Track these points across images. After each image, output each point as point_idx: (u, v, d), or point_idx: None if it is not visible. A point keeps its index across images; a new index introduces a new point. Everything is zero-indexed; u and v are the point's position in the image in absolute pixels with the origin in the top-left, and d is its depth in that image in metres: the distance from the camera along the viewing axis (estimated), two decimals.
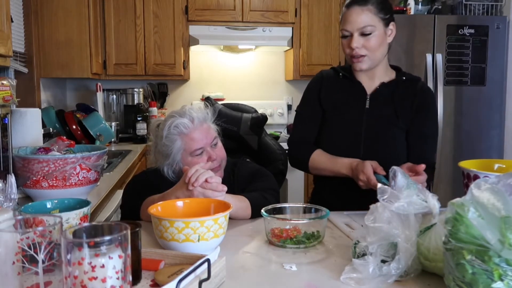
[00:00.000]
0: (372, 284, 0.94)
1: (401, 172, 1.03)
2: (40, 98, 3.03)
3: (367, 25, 1.55)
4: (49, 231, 0.79)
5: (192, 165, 1.39)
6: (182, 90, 4.13)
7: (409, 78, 1.69)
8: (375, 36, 1.57)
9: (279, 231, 1.22)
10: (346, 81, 1.70)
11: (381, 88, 1.66)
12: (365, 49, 1.57)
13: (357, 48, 1.57)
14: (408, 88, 1.66)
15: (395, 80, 1.68)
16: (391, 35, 1.63)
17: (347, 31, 1.58)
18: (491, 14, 3.19)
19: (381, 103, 1.65)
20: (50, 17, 3.02)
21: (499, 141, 3.19)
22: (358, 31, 1.56)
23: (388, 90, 1.66)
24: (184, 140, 1.48)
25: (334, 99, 1.70)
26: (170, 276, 0.92)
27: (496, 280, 0.77)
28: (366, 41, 1.57)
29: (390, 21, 1.61)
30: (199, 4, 3.68)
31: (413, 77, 1.71)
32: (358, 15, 1.56)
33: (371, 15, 1.56)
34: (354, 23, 1.56)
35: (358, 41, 1.57)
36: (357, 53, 1.58)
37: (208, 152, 1.50)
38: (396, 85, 1.66)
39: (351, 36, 1.58)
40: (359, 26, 1.56)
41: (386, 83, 1.67)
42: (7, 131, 1.56)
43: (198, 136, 1.49)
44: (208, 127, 1.54)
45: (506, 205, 0.79)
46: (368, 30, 1.56)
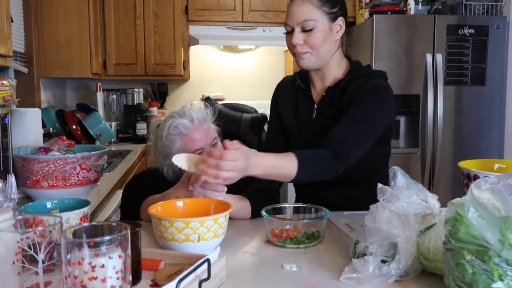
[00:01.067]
0: (372, 284, 0.94)
1: (401, 172, 1.03)
2: (40, 98, 3.03)
3: (307, 19, 1.43)
4: (49, 231, 0.79)
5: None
6: (182, 90, 4.13)
7: (354, 76, 1.51)
8: (318, 32, 1.43)
9: (279, 231, 1.22)
10: (299, 91, 1.61)
11: (327, 94, 1.53)
12: (307, 45, 1.45)
13: (298, 44, 1.45)
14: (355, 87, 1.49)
15: (340, 81, 1.52)
16: (340, 32, 1.48)
17: (288, 25, 1.47)
18: (491, 14, 3.19)
19: (326, 109, 1.53)
20: (50, 17, 3.02)
21: (499, 141, 3.19)
22: (299, 26, 1.44)
23: (333, 94, 1.52)
24: (184, 141, 1.48)
25: (287, 111, 1.64)
26: (170, 276, 0.92)
27: (496, 280, 0.77)
28: (307, 37, 1.44)
29: (338, 16, 1.47)
30: (199, 4, 3.69)
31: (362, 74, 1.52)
32: (298, 7, 1.44)
33: (313, 8, 1.43)
34: (294, 17, 1.44)
35: (299, 37, 1.44)
36: (298, 50, 1.46)
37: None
38: (342, 87, 1.51)
39: (293, 31, 1.46)
40: (298, 20, 1.44)
41: (332, 86, 1.53)
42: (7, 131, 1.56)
43: (198, 136, 1.48)
44: (208, 128, 1.53)
45: (506, 205, 0.79)
46: (310, 25, 1.43)
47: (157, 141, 1.53)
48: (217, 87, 4.13)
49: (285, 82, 1.72)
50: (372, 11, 3.23)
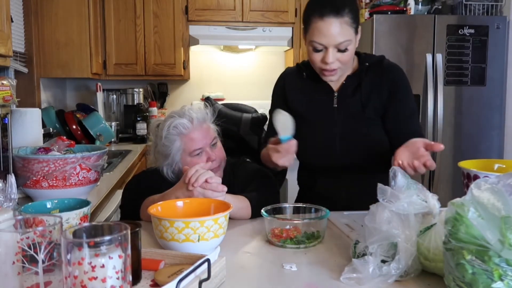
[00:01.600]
0: (372, 284, 0.94)
1: (401, 172, 1.03)
2: (40, 98, 3.03)
3: (345, 41, 1.40)
4: (49, 231, 0.79)
5: (191, 165, 1.39)
6: (182, 90, 4.13)
7: (371, 62, 1.56)
8: (350, 50, 1.43)
9: (279, 231, 1.22)
10: (310, 81, 1.60)
11: (347, 82, 1.55)
12: (339, 62, 1.44)
13: (332, 63, 1.43)
14: (374, 73, 1.54)
15: (359, 69, 1.55)
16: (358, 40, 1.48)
17: (321, 44, 1.41)
18: (491, 14, 3.19)
19: (349, 97, 1.55)
20: (50, 17, 3.03)
21: (499, 141, 3.19)
22: (335, 47, 1.41)
23: (354, 82, 1.55)
24: (183, 141, 1.48)
25: (301, 103, 1.61)
26: (170, 276, 0.92)
27: (496, 280, 0.77)
28: (341, 56, 1.43)
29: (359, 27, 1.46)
30: (199, 4, 3.69)
31: (376, 59, 1.58)
32: (336, 28, 1.39)
33: (348, 28, 1.40)
34: (331, 38, 1.39)
35: (333, 56, 1.42)
36: (331, 67, 1.44)
37: (207, 153, 1.50)
38: (360, 75, 1.54)
39: (325, 49, 1.42)
40: (335, 42, 1.40)
41: (351, 75, 1.55)
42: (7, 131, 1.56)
43: (197, 136, 1.49)
44: (207, 128, 1.53)
45: (506, 205, 0.79)
46: (345, 45, 1.41)
47: (157, 141, 1.53)
48: (217, 87, 4.13)
49: (289, 73, 1.68)
50: (372, 11, 3.23)
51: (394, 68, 1.58)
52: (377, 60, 1.58)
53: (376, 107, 1.54)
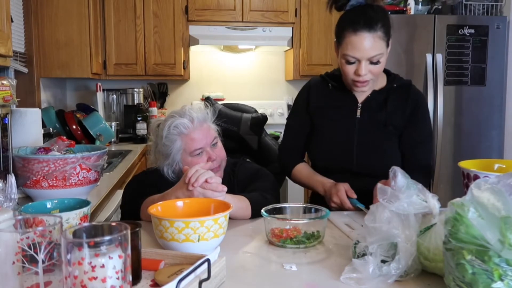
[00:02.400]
0: (372, 284, 0.94)
1: (401, 172, 1.03)
2: (40, 98, 3.03)
3: (377, 54, 1.46)
4: (49, 231, 0.79)
5: (191, 165, 1.39)
6: (182, 90, 4.13)
7: (400, 84, 1.63)
8: (382, 62, 1.50)
9: (279, 231, 1.22)
10: (336, 90, 1.66)
11: (373, 96, 1.62)
12: (371, 74, 1.50)
13: (365, 75, 1.49)
14: (400, 94, 1.62)
15: (386, 87, 1.63)
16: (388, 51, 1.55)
17: (356, 58, 1.48)
18: (491, 14, 3.19)
19: (373, 111, 1.62)
20: (50, 17, 3.03)
21: (499, 141, 3.19)
22: (368, 60, 1.47)
23: (379, 98, 1.62)
24: (184, 140, 1.49)
25: (323, 108, 1.67)
26: (170, 276, 0.92)
27: (496, 280, 0.77)
28: (374, 68, 1.49)
29: (390, 40, 1.53)
30: (199, 4, 3.69)
31: (404, 82, 1.65)
32: (369, 42, 1.45)
33: (381, 42, 1.47)
34: (365, 52, 1.46)
35: (366, 68, 1.48)
36: (364, 79, 1.50)
37: (207, 152, 1.50)
38: (388, 93, 1.62)
39: (358, 62, 1.48)
40: (369, 55, 1.46)
41: (378, 90, 1.62)
42: (7, 131, 1.56)
43: (198, 136, 1.49)
44: (208, 127, 1.53)
45: (506, 205, 0.79)
46: (378, 58, 1.47)
47: (157, 141, 1.54)
48: (217, 87, 4.13)
49: (315, 83, 1.73)
50: None
51: (420, 95, 1.67)
52: (406, 83, 1.65)
53: (396, 126, 1.61)
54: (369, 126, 1.62)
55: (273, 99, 4.16)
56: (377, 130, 1.61)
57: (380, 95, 1.62)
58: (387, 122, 1.60)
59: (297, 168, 1.73)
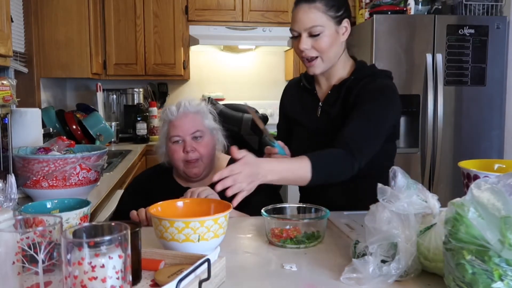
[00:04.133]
0: (372, 284, 0.94)
1: (401, 172, 1.03)
2: (40, 98, 3.03)
3: (315, 25, 1.43)
4: (49, 231, 0.79)
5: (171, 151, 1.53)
6: (182, 90, 4.13)
7: (359, 76, 1.51)
8: (325, 36, 1.44)
9: (279, 231, 1.22)
10: (305, 89, 1.62)
11: (332, 92, 1.54)
12: (315, 50, 1.46)
13: (306, 49, 1.45)
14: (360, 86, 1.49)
15: (345, 80, 1.53)
16: (345, 33, 1.50)
17: (295, 31, 1.47)
18: (491, 14, 3.19)
19: (331, 108, 1.54)
20: (50, 17, 3.03)
21: (499, 141, 3.19)
22: (306, 32, 1.44)
23: (338, 93, 1.53)
24: (168, 126, 1.58)
25: (294, 110, 1.65)
26: (170, 276, 0.92)
27: (496, 280, 0.77)
28: (315, 42, 1.44)
29: (344, 19, 1.48)
30: (199, 4, 3.69)
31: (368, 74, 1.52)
32: (305, 13, 1.44)
33: (320, 14, 1.43)
34: (301, 23, 1.44)
35: (306, 42, 1.45)
36: (306, 54, 1.46)
37: (184, 142, 1.55)
38: (345, 85, 1.52)
39: (300, 36, 1.46)
40: (306, 26, 1.44)
41: (337, 85, 1.54)
42: (7, 131, 1.56)
43: (179, 124, 1.55)
44: (193, 119, 1.57)
45: (506, 205, 0.79)
46: (317, 30, 1.43)
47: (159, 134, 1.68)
48: (217, 87, 4.13)
49: (290, 84, 1.75)
50: (372, 11, 3.23)
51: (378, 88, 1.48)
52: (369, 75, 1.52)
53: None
54: (328, 125, 1.52)
55: (273, 99, 4.15)
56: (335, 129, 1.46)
57: (338, 90, 1.52)
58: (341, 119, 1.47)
59: None
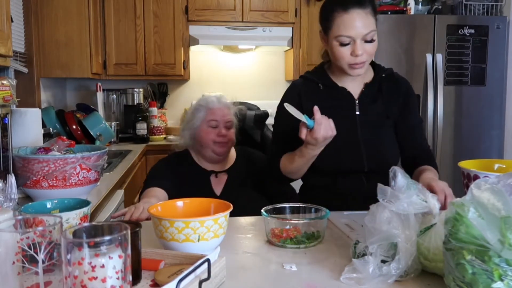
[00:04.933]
0: (372, 284, 0.94)
1: (401, 172, 1.03)
2: (40, 98, 3.03)
3: (371, 31, 1.43)
4: (49, 231, 0.79)
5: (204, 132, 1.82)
6: (182, 90, 4.13)
7: (387, 73, 1.62)
8: (376, 41, 1.47)
9: (279, 231, 1.22)
10: (329, 89, 1.59)
11: (366, 90, 1.58)
12: (367, 54, 1.46)
13: (362, 55, 1.44)
14: (389, 83, 1.60)
15: (376, 78, 1.60)
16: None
17: (349, 37, 1.43)
18: (491, 14, 3.19)
19: (370, 104, 1.58)
20: (50, 17, 3.03)
21: (499, 141, 3.19)
22: (362, 38, 1.43)
23: (373, 90, 1.59)
24: (206, 112, 1.86)
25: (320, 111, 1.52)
26: (170, 276, 0.92)
27: (496, 280, 0.77)
28: (368, 47, 1.45)
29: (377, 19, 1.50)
30: (199, 4, 3.69)
31: (389, 71, 1.63)
32: (362, 19, 1.42)
33: (372, 19, 1.45)
34: (358, 29, 1.41)
35: (362, 48, 1.43)
36: (361, 60, 1.45)
37: (219, 128, 1.84)
38: (379, 83, 1.59)
39: (353, 42, 1.44)
40: (364, 33, 1.42)
41: (369, 83, 1.59)
42: (7, 131, 1.56)
43: (218, 112, 1.86)
44: (228, 110, 1.89)
45: (506, 205, 0.79)
46: (372, 35, 1.44)
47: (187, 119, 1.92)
48: (217, 87, 4.13)
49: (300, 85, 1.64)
50: None
51: (405, 80, 1.67)
52: (390, 71, 1.64)
53: (393, 115, 1.59)
54: (370, 120, 1.57)
55: (273, 99, 4.13)
56: (378, 124, 1.58)
57: (373, 87, 1.59)
58: (384, 115, 1.57)
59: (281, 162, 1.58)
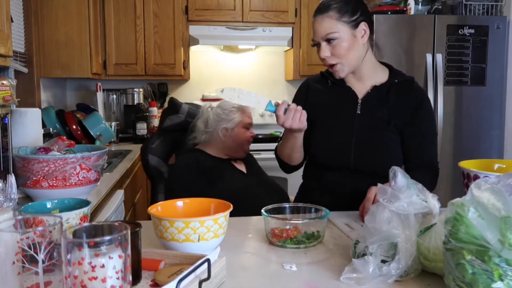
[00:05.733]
0: (372, 284, 0.94)
1: (401, 172, 1.03)
2: (40, 98, 3.03)
3: (328, 33, 1.53)
4: (49, 231, 0.79)
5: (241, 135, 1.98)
6: (182, 90, 4.13)
7: (402, 80, 1.64)
8: (342, 42, 1.53)
9: (279, 231, 1.22)
10: (336, 87, 1.67)
11: (373, 92, 1.62)
12: (334, 56, 1.56)
13: (327, 57, 1.56)
14: (402, 90, 1.62)
15: (388, 83, 1.63)
16: (365, 36, 1.57)
17: (314, 40, 1.59)
18: (491, 14, 3.19)
19: (373, 107, 1.61)
20: (50, 17, 3.02)
21: (499, 141, 3.19)
22: (323, 40, 1.55)
23: (381, 94, 1.62)
24: (242, 116, 2.01)
25: (322, 106, 1.67)
26: (170, 276, 0.92)
27: (496, 280, 0.77)
28: (334, 49, 1.55)
29: (360, 22, 1.55)
30: (199, 4, 3.68)
31: (406, 78, 1.66)
32: (320, 23, 1.55)
33: (333, 21, 1.53)
34: (317, 32, 1.56)
35: (325, 50, 1.55)
36: (327, 62, 1.57)
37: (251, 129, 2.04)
38: (389, 88, 1.62)
39: (319, 45, 1.57)
40: (321, 35, 1.55)
41: (378, 86, 1.63)
42: (7, 131, 1.56)
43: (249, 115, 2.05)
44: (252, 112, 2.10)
45: (506, 205, 0.79)
46: (332, 36, 1.53)
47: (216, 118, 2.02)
48: (217, 87, 4.10)
49: (314, 79, 1.76)
50: (372, 11, 3.23)
51: (423, 91, 1.71)
52: (408, 79, 1.66)
53: (399, 123, 1.60)
54: (370, 122, 1.61)
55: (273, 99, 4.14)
56: (378, 127, 1.60)
57: (381, 91, 1.62)
58: (390, 119, 1.60)
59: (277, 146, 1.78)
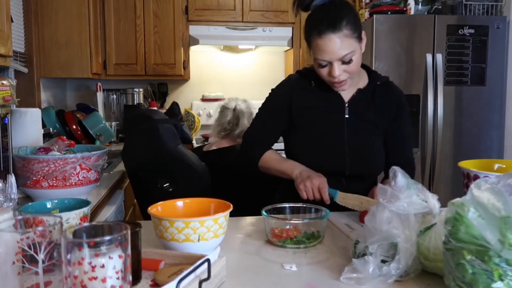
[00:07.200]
0: (372, 284, 0.94)
1: (401, 172, 1.03)
2: (40, 98, 3.03)
3: (348, 53, 1.40)
4: (49, 231, 0.79)
5: None
6: (182, 90, 4.13)
7: (382, 81, 1.61)
8: (356, 59, 1.43)
9: (279, 231, 1.22)
10: (319, 89, 1.59)
11: (359, 95, 1.58)
12: (347, 73, 1.45)
13: (340, 75, 1.44)
14: (383, 92, 1.60)
15: (371, 85, 1.59)
16: (364, 44, 1.48)
17: (324, 61, 1.43)
18: (491, 14, 3.19)
19: (361, 110, 1.58)
20: (50, 17, 3.02)
21: (499, 141, 3.19)
22: (339, 60, 1.42)
23: (366, 97, 1.58)
24: None
25: (309, 109, 1.59)
26: (170, 276, 0.92)
27: (496, 280, 0.77)
28: (347, 67, 1.44)
29: (361, 32, 1.46)
30: (199, 4, 3.69)
31: (385, 80, 1.62)
32: (335, 44, 1.38)
33: (349, 40, 1.40)
34: (333, 54, 1.40)
35: (339, 69, 1.43)
36: (340, 79, 1.45)
37: None
38: (373, 91, 1.59)
39: (330, 64, 1.43)
40: (339, 56, 1.40)
41: (363, 89, 1.58)
42: (7, 131, 1.56)
43: None
44: None
45: (506, 205, 0.79)
46: (349, 57, 1.41)
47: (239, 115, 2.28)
48: (217, 87, 4.13)
49: (295, 81, 1.65)
50: (372, 11, 3.22)
51: (400, 91, 1.67)
52: (386, 80, 1.65)
53: (383, 124, 1.60)
54: (358, 126, 1.57)
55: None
56: (368, 130, 1.58)
57: (366, 94, 1.59)
58: (376, 121, 1.58)
59: (265, 155, 1.63)
